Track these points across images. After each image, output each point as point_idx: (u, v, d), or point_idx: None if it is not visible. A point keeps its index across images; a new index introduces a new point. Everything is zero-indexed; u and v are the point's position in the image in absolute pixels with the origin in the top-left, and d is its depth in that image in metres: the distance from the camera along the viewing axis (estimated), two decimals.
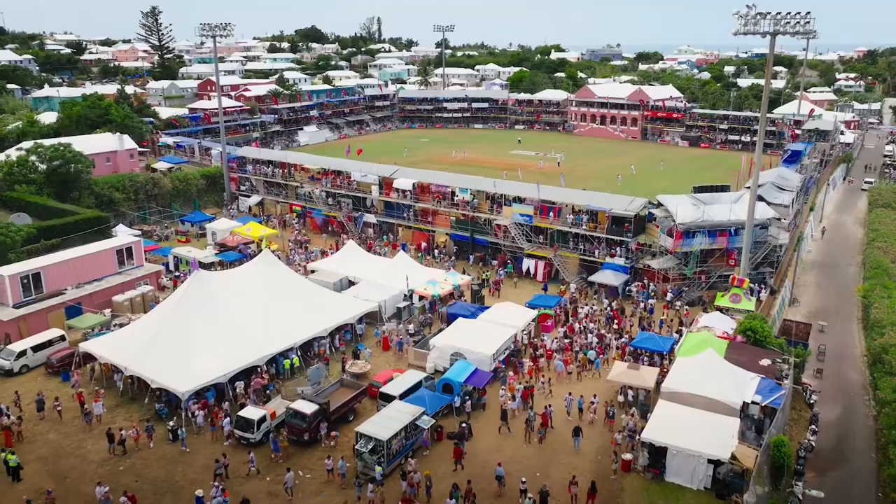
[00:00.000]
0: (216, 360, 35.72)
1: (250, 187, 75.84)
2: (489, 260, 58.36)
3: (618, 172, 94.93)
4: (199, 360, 35.43)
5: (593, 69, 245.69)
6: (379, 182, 65.15)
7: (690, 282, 50.02)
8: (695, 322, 42.34)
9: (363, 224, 65.66)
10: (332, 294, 45.50)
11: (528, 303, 46.15)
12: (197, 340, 36.34)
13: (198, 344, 36.18)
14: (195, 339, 36.36)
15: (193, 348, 35.96)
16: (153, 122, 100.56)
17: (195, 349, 35.92)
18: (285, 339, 39.06)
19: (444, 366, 38.86)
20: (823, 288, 57.73)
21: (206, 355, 35.76)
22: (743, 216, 48.36)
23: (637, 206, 51.57)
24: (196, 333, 36.68)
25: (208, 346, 36.20)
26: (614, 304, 47.87)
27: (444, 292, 47.32)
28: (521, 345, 41.76)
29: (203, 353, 35.82)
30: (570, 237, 54.31)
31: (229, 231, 62.31)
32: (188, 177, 74.83)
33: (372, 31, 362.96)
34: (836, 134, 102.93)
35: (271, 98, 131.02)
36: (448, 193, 61.02)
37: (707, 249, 49.32)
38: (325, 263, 52.72)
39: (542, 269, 54.40)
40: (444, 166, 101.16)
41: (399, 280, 47.95)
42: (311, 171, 70.59)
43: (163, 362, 35.27)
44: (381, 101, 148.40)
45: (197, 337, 36.51)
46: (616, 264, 51.37)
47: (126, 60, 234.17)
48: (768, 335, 38.64)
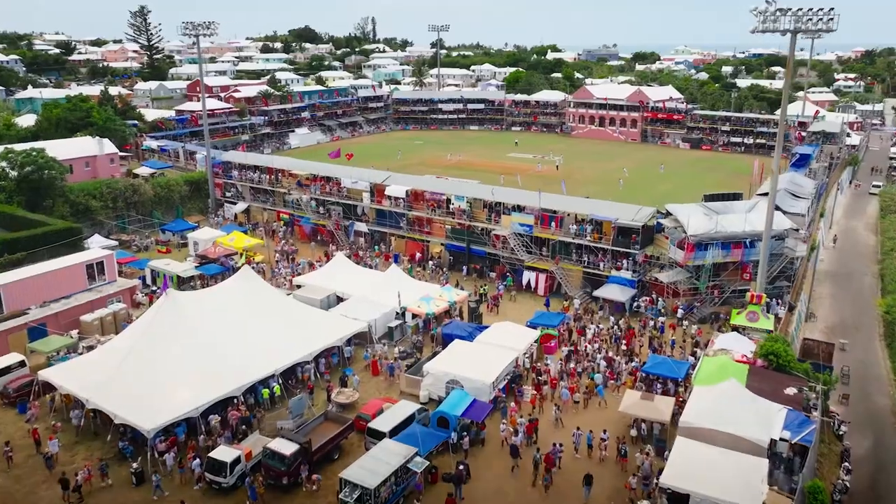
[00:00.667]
0: (187, 392, 32.34)
1: (236, 194, 72.36)
2: (487, 272, 55.07)
3: (618, 177, 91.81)
4: (169, 392, 32.05)
5: (590, 69, 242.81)
6: (370, 189, 61.81)
7: (702, 297, 46.83)
8: (710, 344, 39.10)
9: (354, 233, 62.30)
10: (318, 313, 42.13)
11: (530, 321, 42.86)
12: (166, 369, 32.93)
13: (167, 373, 32.79)
14: (164, 368, 32.96)
15: (162, 378, 32.56)
16: (137, 125, 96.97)
17: (164, 379, 32.52)
18: (265, 366, 35.67)
19: (438, 394, 35.56)
20: (839, 300, 54.65)
21: (176, 386, 32.39)
22: (758, 226, 45.19)
23: (645, 215, 48.36)
24: (165, 362, 33.29)
25: (179, 376, 32.81)
26: (622, 322, 44.60)
27: (439, 310, 43.99)
28: (523, 369, 38.47)
29: (173, 384, 32.44)
30: (572, 248, 51.07)
31: (212, 241, 58.87)
32: (170, 183, 71.32)
33: (366, 31, 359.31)
34: (843, 136, 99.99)
35: (261, 99, 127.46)
36: (443, 201, 57.70)
37: (720, 263, 46.13)
38: (312, 277, 49.35)
39: (544, 283, 51.15)
40: (438, 170, 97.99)
41: (391, 296, 44.61)
42: (300, 176, 67.18)
43: (128, 394, 31.87)
44: (375, 102, 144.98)
45: (166, 365, 33.11)
46: (622, 278, 48.15)
47: (115, 61, 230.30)
48: (792, 360, 35.46)
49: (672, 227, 47.34)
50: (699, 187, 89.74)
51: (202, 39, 71.70)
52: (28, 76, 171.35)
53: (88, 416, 33.13)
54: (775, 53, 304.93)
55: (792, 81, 41.22)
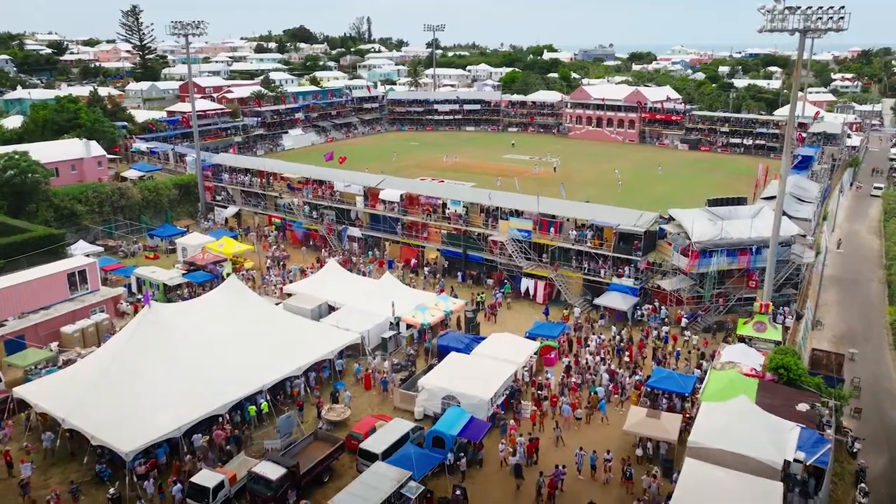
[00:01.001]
0: (169, 411, 30.63)
1: (227, 197, 70.59)
2: (484, 279, 53.46)
3: (618, 179, 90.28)
4: (149, 411, 30.35)
5: (586, 69, 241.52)
6: (364, 193, 60.14)
7: (707, 305, 45.32)
8: (717, 356, 37.58)
9: (347, 238, 60.62)
10: (308, 324, 40.45)
11: (529, 332, 41.26)
12: (147, 387, 31.24)
13: (148, 391, 31.09)
14: (145, 386, 31.27)
15: (142, 396, 30.87)
16: (126, 127, 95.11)
17: (144, 398, 30.83)
18: (252, 382, 33.99)
19: (434, 411, 33.94)
20: (846, 307, 53.18)
21: (157, 405, 30.68)
22: (765, 232, 43.73)
23: (647, 221, 46.80)
24: (146, 378, 31.60)
25: (160, 394, 31.11)
26: (624, 331, 43.03)
27: (435, 320, 42.35)
28: (522, 383, 36.87)
29: (154, 403, 30.73)
30: (572, 255, 49.49)
31: (201, 247, 57.13)
32: (159, 186, 69.49)
33: (361, 31, 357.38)
34: (845, 137, 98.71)
35: (254, 100, 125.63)
36: (439, 206, 56.06)
37: (725, 270, 44.61)
38: (303, 285, 47.65)
39: (543, 290, 49.56)
40: (434, 172, 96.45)
41: (385, 305, 43.00)
42: (292, 180, 65.45)
43: (106, 413, 30.17)
44: (370, 102, 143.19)
45: (147, 383, 31.42)
46: (624, 285, 46.60)
47: (108, 61, 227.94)
48: (803, 373, 33.98)
49: (675, 234, 45.80)
50: (698, 189, 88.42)
51: (194, 39, 70.04)
52: (18, 76, 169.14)
53: (64, 436, 31.38)
54: (772, 53, 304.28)
55: (798, 82, 39.76)
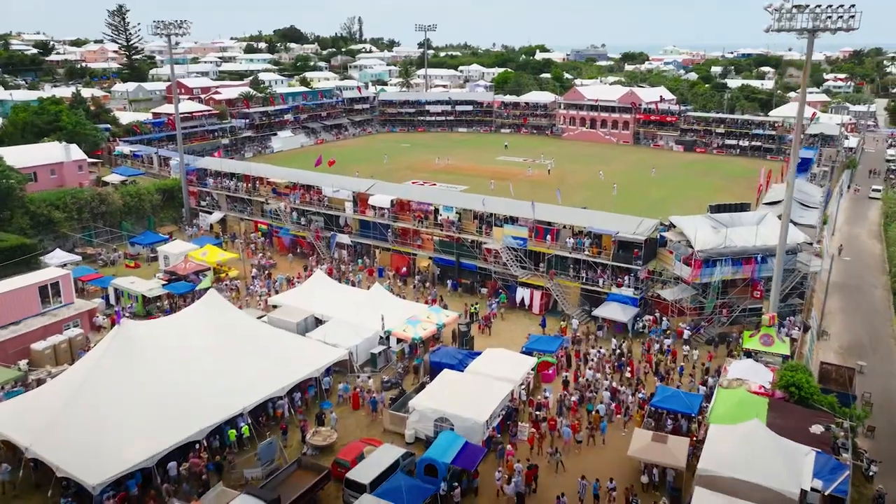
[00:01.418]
0: (142, 438, 28.51)
1: (212, 202, 68.34)
2: (478, 288, 51.51)
3: (612, 184, 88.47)
4: (120, 439, 28.23)
5: (579, 70, 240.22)
6: (353, 198, 58.07)
7: (710, 316, 43.55)
8: (723, 372, 35.78)
9: (336, 245, 58.54)
10: (292, 340, 38.36)
11: (526, 347, 39.34)
12: (117, 412, 29.10)
13: (118, 417, 28.96)
14: (115, 411, 29.13)
15: (113, 422, 28.74)
16: (110, 129, 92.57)
17: (115, 423, 28.70)
18: (233, 404, 31.88)
19: (426, 434, 31.98)
20: (850, 316, 51.57)
21: (129, 431, 28.56)
22: (770, 240, 42.01)
23: (647, 228, 44.97)
24: (118, 403, 29.46)
25: (132, 420, 28.98)
26: (624, 345, 41.17)
27: (427, 334, 40.34)
28: (519, 402, 34.93)
29: (126, 429, 28.61)
30: (569, 263, 47.62)
31: (183, 255, 54.95)
32: (141, 191, 67.12)
33: (353, 31, 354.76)
34: (842, 138, 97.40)
35: (243, 101, 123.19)
36: (431, 212, 54.07)
37: (729, 279, 42.83)
38: (289, 297, 45.54)
39: (539, 301, 47.67)
40: (426, 174, 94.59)
41: (374, 317, 40.96)
42: (278, 185, 63.28)
43: (72, 441, 28.02)
44: (361, 103, 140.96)
45: (118, 408, 29.27)
46: (623, 295, 44.76)
47: (95, 61, 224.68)
48: (815, 391, 32.21)
49: (676, 242, 43.98)
50: (695, 192, 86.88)
51: (180, 39, 67.83)
52: (2, 77, 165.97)
53: (28, 467, 29.20)
54: (764, 53, 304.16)
55: (806, 83, 38.03)
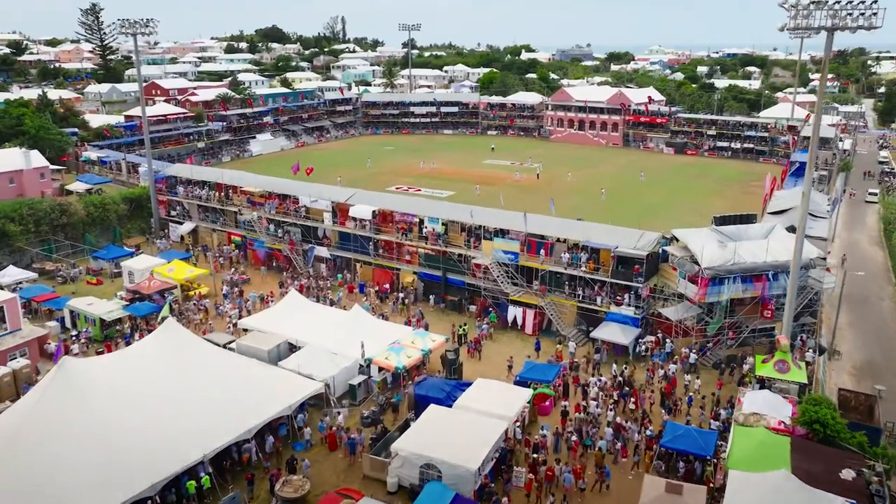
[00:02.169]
0: (83, 499, 24.72)
1: (182, 212, 64.31)
2: (466, 305, 48.07)
3: (601, 185, 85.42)
4: (59, 500, 24.43)
5: (565, 70, 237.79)
6: (332, 208, 54.39)
7: (717, 338, 40.42)
8: (738, 404, 32.60)
9: (314, 259, 54.84)
10: (263, 371, 34.65)
11: (520, 375, 35.91)
12: (55, 468, 25.30)
13: (56, 473, 25.15)
14: (53, 466, 25.32)
15: (49, 480, 24.93)
16: (77, 134, 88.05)
17: (51, 482, 24.89)
18: (191, 451, 28.10)
19: (410, 482, 28.45)
20: (860, 331, 48.69)
21: (69, 491, 24.77)
22: (781, 255, 38.96)
23: (648, 242, 41.74)
24: (55, 456, 25.66)
25: (72, 476, 25.19)
26: (626, 371, 37.88)
27: (411, 362, 36.79)
28: (514, 442, 31.51)
29: (65, 488, 24.82)
30: (564, 280, 44.28)
31: (149, 271, 51.02)
32: (106, 201, 62.91)
33: (336, 30, 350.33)
34: (837, 141, 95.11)
35: (219, 103, 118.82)
36: (415, 223, 50.54)
37: (737, 297, 39.71)
38: (261, 319, 41.77)
39: (532, 320, 44.30)
40: (410, 179, 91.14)
41: (353, 343, 37.38)
42: (253, 194, 59.42)
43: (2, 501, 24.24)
44: (343, 105, 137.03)
45: (56, 462, 25.48)
46: (623, 315, 41.52)
47: (70, 61, 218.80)
48: (842, 429, 29.05)
49: (681, 258, 40.76)
50: (690, 197, 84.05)
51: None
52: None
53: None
54: (750, 53, 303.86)
55: (824, 86, 34.68)
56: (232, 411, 30.36)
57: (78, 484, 25.02)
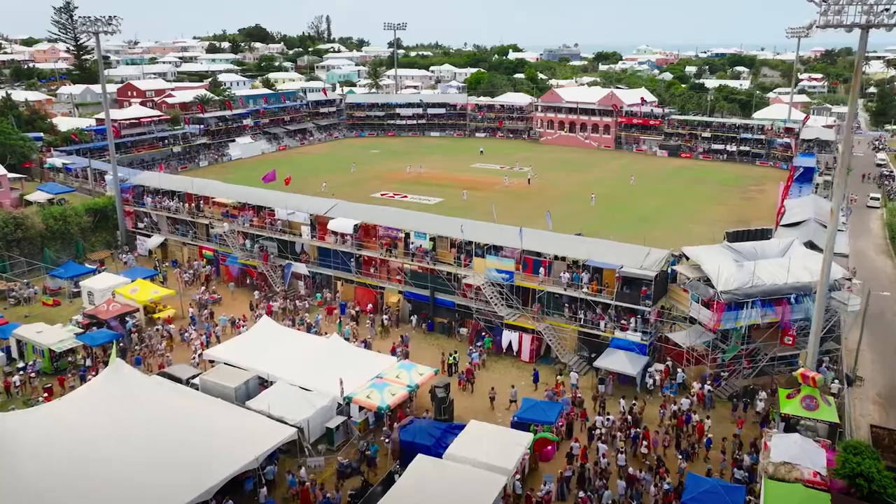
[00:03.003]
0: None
1: (151, 224, 59.87)
2: (456, 328, 44.13)
3: (591, 191, 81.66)
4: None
5: (553, 70, 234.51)
6: (311, 221, 50.27)
7: (732, 366, 36.79)
8: (764, 449, 28.93)
9: (291, 276, 50.69)
10: (227, 414, 30.49)
11: (518, 416, 32.01)
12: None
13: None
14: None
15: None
16: (42, 138, 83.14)
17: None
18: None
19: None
20: (879, 352, 45.16)
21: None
22: (802, 276, 35.39)
23: (656, 261, 37.96)
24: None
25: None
26: (636, 407, 34.10)
27: (396, 400, 32.76)
28: (513, 498, 27.61)
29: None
30: (564, 301, 40.46)
31: (111, 291, 46.71)
32: (67, 213, 58.30)
33: (321, 30, 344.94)
34: (837, 143, 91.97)
35: (197, 105, 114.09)
36: (400, 238, 46.53)
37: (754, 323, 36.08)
38: (229, 349, 37.55)
39: (529, 346, 40.46)
40: (396, 185, 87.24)
41: (331, 377, 33.36)
42: (227, 205, 55.12)
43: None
44: (327, 106, 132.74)
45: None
46: (629, 341, 37.76)
47: (45, 61, 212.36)
48: (889, 484, 25.47)
49: (695, 280, 37.06)
50: (688, 203, 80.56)
51: (109, 35, 59.17)
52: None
53: None
54: (738, 53, 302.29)
55: (857, 88, 31.03)
56: (188, 469, 26.22)
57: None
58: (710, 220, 72.07)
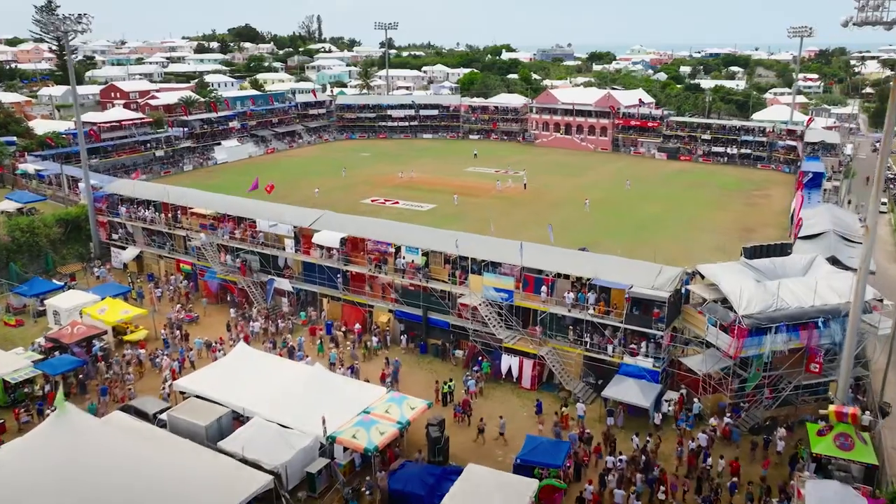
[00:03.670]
0: None
1: (126, 235, 56.31)
2: (450, 351, 40.87)
3: (584, 196, 78.46)
4: None
5: (547, 70, 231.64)
6: (294, 234, 46.90)
7: (753, 396, 33.69)
8: (796, 497, 25.82)
9: (274, 292, 47.30)
10: (195, 459, 27.09)
11: (521, 457, 28.72)
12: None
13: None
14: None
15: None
16: (15, 143, 79.35)
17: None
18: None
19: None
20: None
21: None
22: (830, 298, 32.32)
23: (669, 280, 34.83)
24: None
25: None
26: (650, 443, 30.93)
27: (385, 439, 29.43)
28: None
29: None
30: (568, 323, 37.27)
31: (78, 310, 43.26)
32: (35, 224, 54.67)
33: (311, 30, 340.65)
34: (843, 146, 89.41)
35: (181, 107, 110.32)
36: (391, 253, 43.21)
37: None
38: (202, 379, 34.06)
39: (531, 372, 37.23)
40: (387, 190, 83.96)
41: (313, 412, 30.03)
42: (205, 216, 51.63)
43: None
44: (316, 108, 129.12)
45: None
46: (640, 368, 34.62)
47: (28, 62, 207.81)
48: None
49: (711, 302, 33.90)
50: (691, 208, 77.42)
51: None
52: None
53: None
54: (732, 53, 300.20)
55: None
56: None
57: None
58: (713, 228, 69.15)
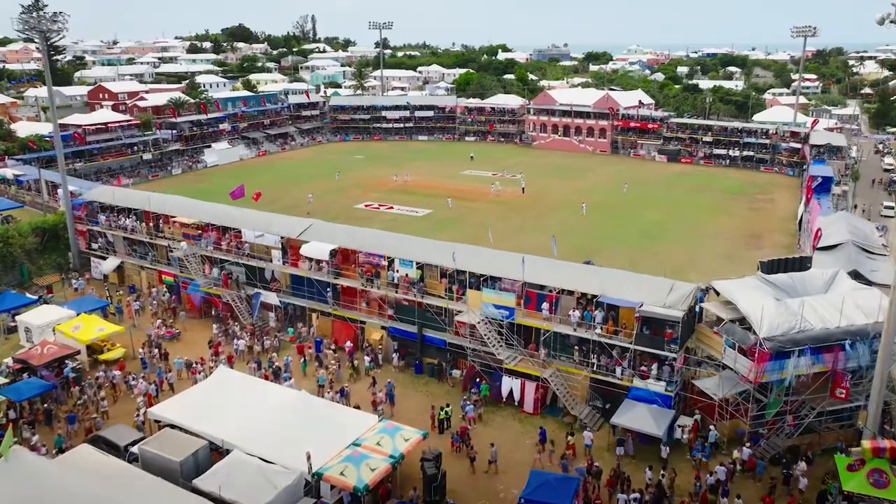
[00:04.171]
0: None
1: (106, 245, 53.66)
2: (447, 371, 38.38)
3: (581, 200, 76.09)
4: None
5: (543, 70, 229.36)
6: (282, 245, 44.35)
7: (773, 423, 31.31)
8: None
9: (260, 306, 44.72)
10: (165, 501, 24.54)
11: (525, 497, 26.22)
12: None
13: None
14: None
15: None
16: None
17: None
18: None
19: None
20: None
21: None
22: (858, 318, 29.94)
23: (682, 298, 32.38)
24: None
25: None
26: (664, 478, 28.48)
27: (376, 477, 26.89)
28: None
29: None
30: (573, 342, 34.81)
31: (51, 327, 40.63)
32: (10, 234, 51.94)
33: (306, 30, 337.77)
34: (849, 149, 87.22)
35: (170, 109, 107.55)
36: (383, 266, 40.69)
37: None
38: (178, 408, 31.43)
39: (533, 395, 34.76)
40: (381, 194, 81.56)
41: (298, 445, 27.52)
42: (188, 226, 49.00)
43: None
44: (310, 109, 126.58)
45: None
46: (651, 392, 32.19)
47: (17, 62, 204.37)
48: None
49: (729, 323, 31.46)
50: (694, 214, 74.95)
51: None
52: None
53: None
54: (729, 53, 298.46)
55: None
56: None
57: None
58: (718, 234, 66.87)
